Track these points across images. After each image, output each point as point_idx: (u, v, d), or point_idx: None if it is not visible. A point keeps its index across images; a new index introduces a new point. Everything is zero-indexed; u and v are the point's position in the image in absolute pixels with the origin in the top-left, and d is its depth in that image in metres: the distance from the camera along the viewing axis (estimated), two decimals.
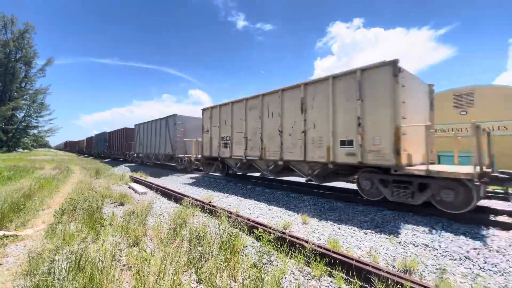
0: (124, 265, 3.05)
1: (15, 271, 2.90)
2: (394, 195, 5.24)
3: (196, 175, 12.49)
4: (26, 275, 2.72)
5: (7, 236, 3.88)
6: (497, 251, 3.38)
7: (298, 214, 5.46)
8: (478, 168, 4.24)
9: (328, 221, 4.93)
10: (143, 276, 2.57)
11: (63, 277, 2.41)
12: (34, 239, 3.91)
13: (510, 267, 3.03)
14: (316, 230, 4.48)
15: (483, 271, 3.00)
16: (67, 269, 2.52)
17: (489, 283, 2.76)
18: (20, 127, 42.02)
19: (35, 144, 49.66)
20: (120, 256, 3.19)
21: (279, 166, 7.80)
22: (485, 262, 3.16)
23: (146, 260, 2.81)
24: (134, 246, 3.61)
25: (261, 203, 6.55)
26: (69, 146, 72.49)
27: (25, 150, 43.25)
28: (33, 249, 3.34)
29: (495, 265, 3.08)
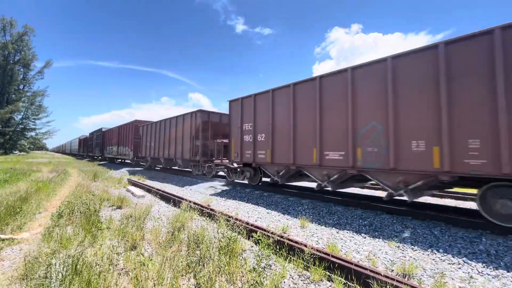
0: (122, 269, 3.02)
1: (11, 275, 2.87)
2: None
3: None
4: (22, 279, 2.69)
5: (3, 240, 3.84)
6: (495, 255, 3.39)
7: (296, 218, 5.45)
8: None
9: (327, 225, 4.92)
10: (141, 281, 2.55)
11: (60, 282, 2.39)
12: (31, 243, 3.87)
13: (507, 271, 3.04)
14: (315, 234, 4.47)
15: (481, 275, 3.00)
16: (64, 273, 2.49)
17: None
18: (18, 129, 41.76)
19: (32, 146, 49.32)
20: (117, 260, 3.16)
21: None
22: (484, 266, 3.16)
23: (144, 264, 2.79)
24: (132, 250, 3.58)
25: (259, 206, 6.53)
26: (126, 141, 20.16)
27: (22, 153, 42.95)
28: (29, 253, 3.31)
29: (494, 269, 3.09)
